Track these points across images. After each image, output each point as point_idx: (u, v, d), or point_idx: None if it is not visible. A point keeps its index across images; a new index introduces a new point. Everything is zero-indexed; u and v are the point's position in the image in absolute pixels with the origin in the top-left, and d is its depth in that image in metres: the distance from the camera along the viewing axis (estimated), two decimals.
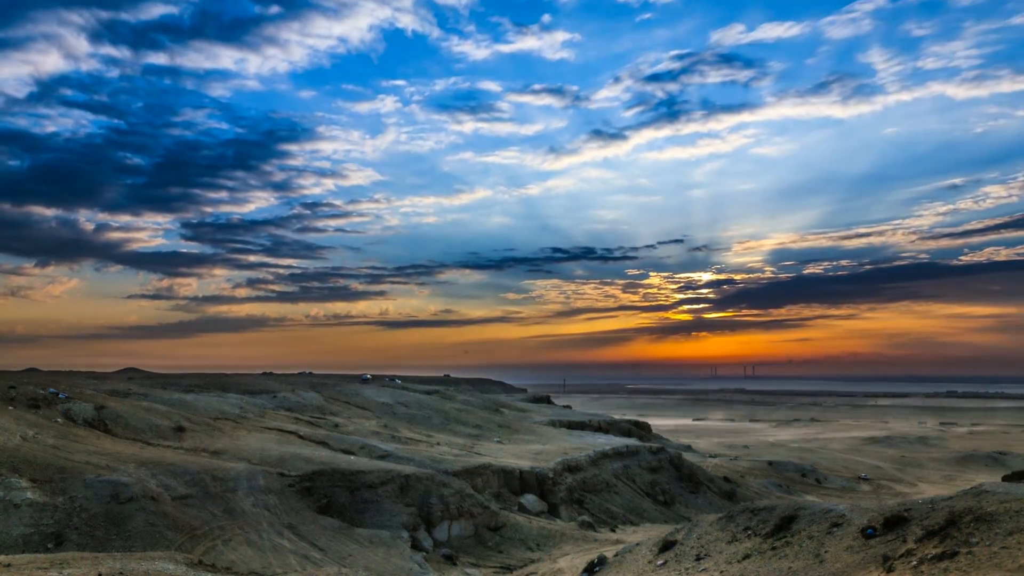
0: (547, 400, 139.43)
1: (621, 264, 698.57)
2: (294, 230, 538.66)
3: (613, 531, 51.58)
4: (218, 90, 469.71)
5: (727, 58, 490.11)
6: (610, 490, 61.31)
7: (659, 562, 24.50)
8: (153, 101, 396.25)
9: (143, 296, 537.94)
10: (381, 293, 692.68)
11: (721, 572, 20.78)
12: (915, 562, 14.98)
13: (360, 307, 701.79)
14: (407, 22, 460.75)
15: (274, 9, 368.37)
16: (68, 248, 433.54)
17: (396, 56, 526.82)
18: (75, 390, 54.60)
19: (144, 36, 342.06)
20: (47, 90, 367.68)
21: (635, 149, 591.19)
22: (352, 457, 48.74)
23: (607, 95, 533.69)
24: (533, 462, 58.57)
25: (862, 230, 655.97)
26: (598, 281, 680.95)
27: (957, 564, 13.97)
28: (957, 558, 14.25)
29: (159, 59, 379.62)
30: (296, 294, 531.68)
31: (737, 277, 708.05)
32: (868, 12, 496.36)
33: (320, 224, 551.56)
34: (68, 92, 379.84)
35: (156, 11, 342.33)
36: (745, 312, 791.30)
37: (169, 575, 16.36)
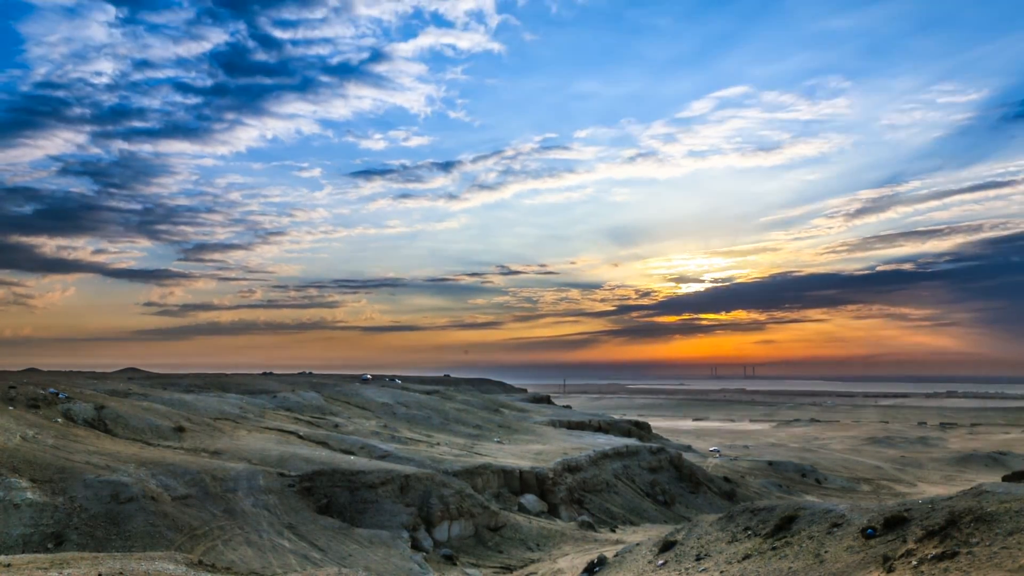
0: (547, 400, 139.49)
1: (562, 276, 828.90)
2: (266, 254, 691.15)
3: (613, 531, 51.57)
4: (187, 164, 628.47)
5: (548, 147, 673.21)
6: (610, 490, 61.30)
7: (659, 562, 24.49)
8: (138, 171, 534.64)
9: (137, 304, 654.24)
10: (356, 301, 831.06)
11: (721, 572, 20.77)
12: (915, 562, 14.98)
13: (339, 313, 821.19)
14: (327, 132, 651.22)
15: (218, 125, 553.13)
16: (68, 265, 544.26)
17: (321, 146, 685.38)
18: (75, 390, 54.59)
19: (126, 136, 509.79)
20: (59, 164, 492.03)
21: (514, 196, 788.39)
22: (352, 457, 48.73)
23: (473, 167, 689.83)
24: (533, 462, 58.55)
25: (739, 248, 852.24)
26: (555, 289, 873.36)
27: (957, 564, 13.97)
28: (957, 558, 14.25)
29: (141, 147, 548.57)
30: (280, 302, 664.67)
31: (680, 287, 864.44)
32: (627, 125, 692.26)
33: (287, 247, 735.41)
34: (72, 164, 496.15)
35: (134, 124, 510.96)
36: (703, 316, 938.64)
37: (169, 575, 16.35)
